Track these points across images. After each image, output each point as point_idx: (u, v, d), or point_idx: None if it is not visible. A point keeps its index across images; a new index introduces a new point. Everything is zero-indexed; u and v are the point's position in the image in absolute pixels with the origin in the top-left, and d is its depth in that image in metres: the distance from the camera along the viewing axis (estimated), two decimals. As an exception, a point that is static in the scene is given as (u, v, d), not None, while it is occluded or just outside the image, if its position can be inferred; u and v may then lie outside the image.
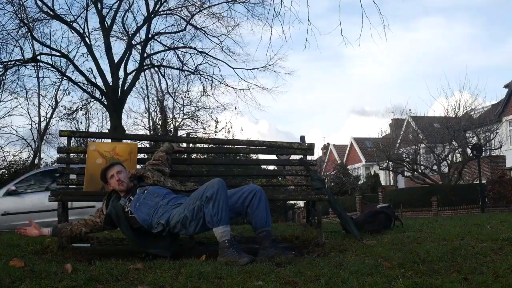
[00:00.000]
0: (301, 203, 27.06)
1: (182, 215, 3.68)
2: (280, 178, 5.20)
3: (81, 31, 16.06)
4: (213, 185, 3.59)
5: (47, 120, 24.78)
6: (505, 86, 28.35)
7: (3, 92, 20.43)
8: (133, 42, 17.15)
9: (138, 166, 4.81)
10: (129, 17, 30.37)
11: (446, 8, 67.20)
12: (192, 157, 6.09)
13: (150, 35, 16.85)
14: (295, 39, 11.34)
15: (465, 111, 23.64)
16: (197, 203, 3.63)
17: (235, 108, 20.17)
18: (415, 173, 24.11)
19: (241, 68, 18.08)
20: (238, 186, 3.96)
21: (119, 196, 3.96)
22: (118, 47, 71.68)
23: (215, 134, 21.73)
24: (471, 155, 21.13)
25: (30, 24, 15.45)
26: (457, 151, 23.55)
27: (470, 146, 21.44)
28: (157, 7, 16.81)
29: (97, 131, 24.79)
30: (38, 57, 16.54)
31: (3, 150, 25.64)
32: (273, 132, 61.10)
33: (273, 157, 5.42)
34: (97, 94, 17.25)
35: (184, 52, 18.12)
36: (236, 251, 3.48)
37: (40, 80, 21.41)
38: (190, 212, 3.65)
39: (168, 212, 3.76)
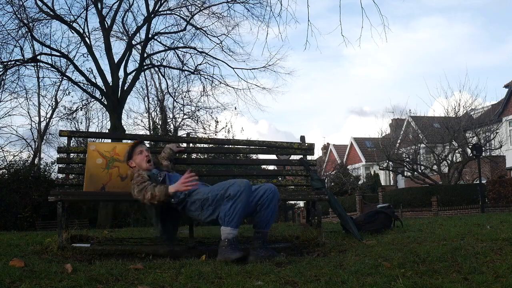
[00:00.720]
0: (301, 203, 27.09)
1: (205, 196, 3.70)
2: (280, 178, 5.20)
3: (81, 31, 16.04)
4: (240, 185, 3.58)
5: (47, 120, 24.86)
6: (505, 86, 28.37)
7: (3, 92, 20.47)
8: (133, 42, 17.13)
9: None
10: (129, 17, 30.50)
11: (446, 8, 67.28)
12: (192, 157, 6.09)
13: (150, 35, 16.82)
14: (295, 39, 11.38)
15: (465, 111, 23.65)
16: (221, 191, 3.63)
17: (235, 108, 20.21)
18: (415, 173, 24.12)
19: (241, 68, 18.10)
20: None
21: None
22: (118, 47, 71.74)
23: (215, 134, 21.76)
24: (471, 155, 21.14)
25: (30, 24, 15.42)
26: (457, 151, 23.56)
27: (470, 146, 21.44)
28: (157, 7, 16.78)
29: (97, 131, 24.84)
30: (38, 57, 16.52)
31: (3, 150, 25.75)
32: (273, 132, 61.16)
33: (273, 157, 5.42)
34: (97, 94, 17.22)
35: (184, 52, 18.12)
36: (231, 248, 3.51)
37: (40, 80, 21.50)
38: (213, 196, 3.65)
39: (194, 188, 3.78)
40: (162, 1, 16.76)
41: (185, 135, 20.63)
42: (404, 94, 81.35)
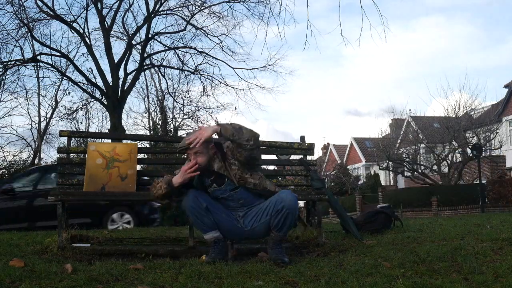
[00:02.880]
0: (301, 203, 27.05)
1: None
2: (280, 178, 5.20)
3: (81, 31, 16.06)
4: (184, 207, 3.61)
5: (47, 120, 24.88)
6: (505, 86, 28.36)
7: (3, 92, 20.49)
8: (133, 42, 17.14)
9: (138, 167, 4.81)
10: (129, 17, 30.46)
11: (446, 8, 67.28)
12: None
13: (150, 35, 16.84)
14: (295, 39, 11.40)
15: (465, 111, 23.65)
16: None
17: (235, 108, 20.21)
18: (415, 173, 24.11)
19: (241, 68, 18.11)
20: None
21: None
22: (118, 47, 71.70)
23: (215, 134, 21.70)
24: (471, 155, 21.13)
25: (30, 24, 15.43)
26: (457, 151, 23.57)
27: (470, 146, 21.44)
28: (157, 7, 16.80)
29: (97, 131, 24.85)
30: (38, 57, 16.54)
31: (3, 150, 25.72)
32: (272, 132, 61.12)
33: (273, 157, 5.42)
34: (97, 94, 17.24)
35: (184, 52, 18.14)
36: (212, 251, 3.62)
37: (40, 80, 21.55)
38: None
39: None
40: (162, 1, 16.79)
41: (185, 135, 20.59)
42: (404, 94, 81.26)
